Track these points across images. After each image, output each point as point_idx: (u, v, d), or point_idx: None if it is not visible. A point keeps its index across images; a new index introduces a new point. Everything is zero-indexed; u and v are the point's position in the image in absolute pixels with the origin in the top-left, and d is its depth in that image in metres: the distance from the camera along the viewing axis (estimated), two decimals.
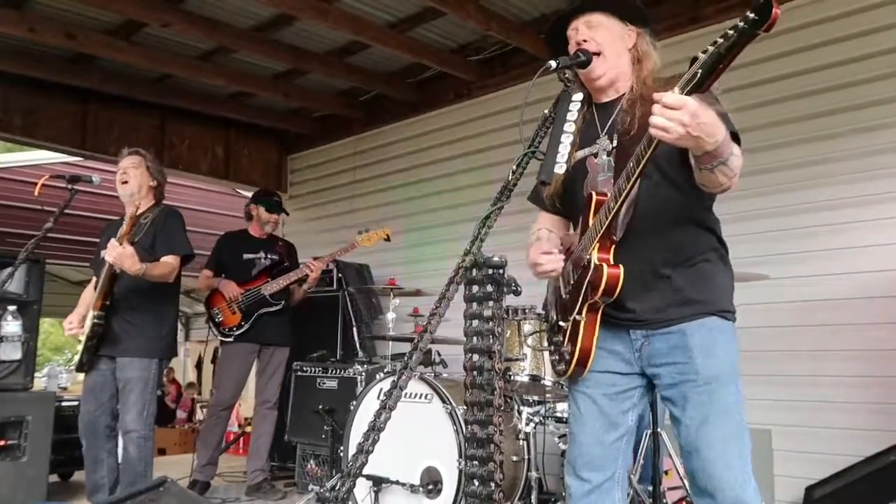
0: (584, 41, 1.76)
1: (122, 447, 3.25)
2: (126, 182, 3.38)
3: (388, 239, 3.40)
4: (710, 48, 1.30)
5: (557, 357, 1.80)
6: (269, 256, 4.43)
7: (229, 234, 4.67)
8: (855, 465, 3.05)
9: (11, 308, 3.70)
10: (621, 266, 1.64)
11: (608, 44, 1.77)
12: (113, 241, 3.02)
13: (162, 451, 7.26)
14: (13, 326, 3.69)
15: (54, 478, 4.32)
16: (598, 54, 1.75)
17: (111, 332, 3.20)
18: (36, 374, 3.98)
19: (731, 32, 1.26)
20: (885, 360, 3.17)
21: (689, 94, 1.36)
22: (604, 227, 1.62)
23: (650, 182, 1.67)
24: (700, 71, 1.32)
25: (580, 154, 1.80)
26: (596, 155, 1.78)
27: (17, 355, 3.69)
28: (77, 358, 3.28)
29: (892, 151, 3.26)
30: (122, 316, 3.22)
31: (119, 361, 3.24)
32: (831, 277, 3.36)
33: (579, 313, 1.69)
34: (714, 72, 1.31)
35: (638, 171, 1.52)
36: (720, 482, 1.61)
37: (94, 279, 3.39)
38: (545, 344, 1.94)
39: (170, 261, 3.23)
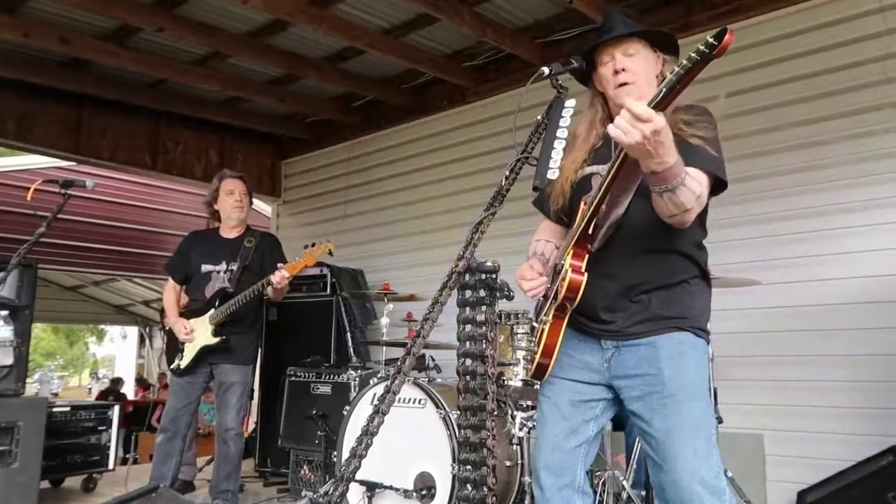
0: (623, 70, 1.78)
1: (218, 443, 3.61)
2: (242, 208, 3.75)
3: (331, 254, 3.53)
4: (677, 69, 1.36)
5: (529, 358, 1.84)
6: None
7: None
8: (847, 470, 3.06)
9: (3, 313, 3.68)
10: (586, 274, 1.66)
11: (642, 72, 1.80)
12: (282, 272, 3.41)
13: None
14: (5, 331, 3.68)
15: (45, 484, 4.30)
16: (633, 84, 1.77)
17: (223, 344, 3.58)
18: (28, 380, 3.97)
19: (693, 56, 1.32)
20: (876, 364, 3.19)
21: (654, 109, 1.40)
22: (578, 233, 1.66)
23: (641, 203, 1.69)
24: (664, 90, 1.38)
25: (588, 170, 1.84)
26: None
27: (9, 360, 3.68)
28: (183, 364, 3.60)
29: (882, 158, 3.28)
30: (232, 329, 3.57)
31: (222, 367, 3.60)
32: (822, 283, 3.38)
33: (546, 315, 1.74)
34: (674, 91, 1.38)
35: (609, 179, 1.55)
36: (690, 496, 1.60)
37: (172, 282, 3.79)
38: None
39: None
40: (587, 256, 1.69)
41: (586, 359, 1.79)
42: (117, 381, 12.17)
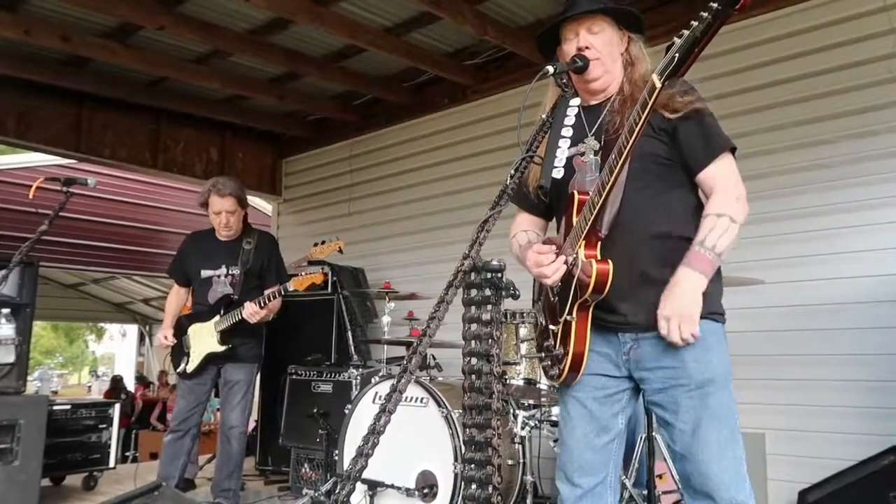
0: (587, 48, 1.76)
1: (222, 441, 3.63)
2: (229, 228, 3.68)
3: (340, 251, 3.55)
4: (686, 32, 1.30)
5: (549, 362, 1.79)
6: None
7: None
8: (848, 469, 3.06)
9: (4, 311, 3.69)
10: (610, 261, 1.63)
11: (606, 49, 1.78)
12: (254, 307, 3.45)
13: (154, 456, 7.23)
14: (6, 329, 3.68)
15: (46, 482, 4.29)
16: (597, 59, 1.76)
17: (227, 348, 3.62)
18: (28, 378, 3.97)
19: (705, 15, 1.26)
20: (877, 364, 3.19)
21: (667, 79, 1.36)
22: (588, 224, 1.61)
23: (640, 184, 1.68)
24: (677, 55, 1.32)
25: (567, 154, 1.80)
26: (583, 154, 1.79)
27: (10, 358, 3.68)
28: (189, 368, 3.63)
29: (884, 157, 3.28)
30: (237, 334, 3.60)
31: (227, 366, 3.64)
32: (824, 282, 3.38)
33: (570, 314, 1.68)
34: (690, 55, 1.31)
35: (620, 163, 1.52)
36: (716, 483, 1.62)
37: (177, 286, 3.86)
38: (535, 350, 1.94)
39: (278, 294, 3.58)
40: (600, 245, 1.65)
41: (605, 351, 1.76)
42: (119, 380, 12.11)
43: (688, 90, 1.67)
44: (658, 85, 1.38)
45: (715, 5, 1.23)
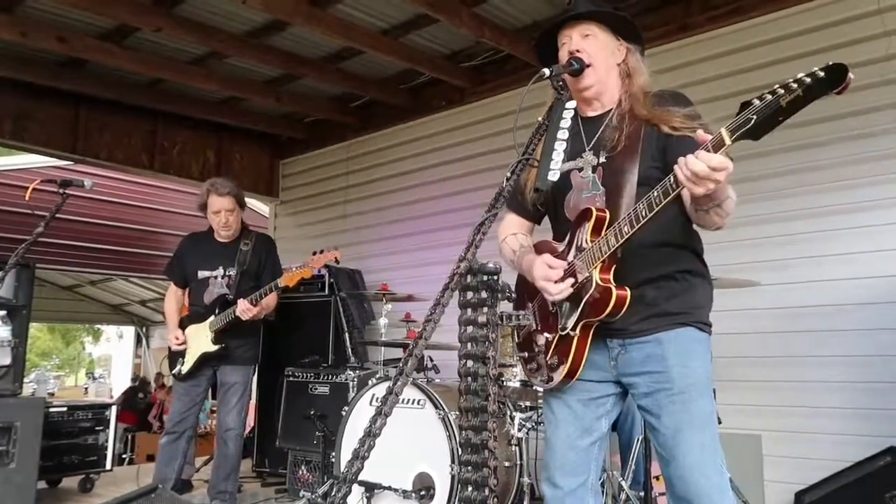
0: (578, 51, 1.76)
1: (218, 443, 3.63)
2: (228, 227, 3.70)
3: (336, 262, 3.59)
4: (768, 97, 1.26)
5: (536, 366, 1.80)
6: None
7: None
8: (844, 470, 3.08)
9: (1, 313, 3.69)
10: (627, 289, 1.63)
11: (599, 56, 1.78)
12: (246, 303, 3.47)
13: (151, 458, 7.21)
14: (2, 331, 3.69)
15: (42, 484, 4.29)
16: (588, 66, 1.76)
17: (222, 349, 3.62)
18: (24, 380, 3.97)
19: (794, 86, 1.23)
20: (873, 365, 3.20)
21: (738, 139, 1.35)
22: (612, 249, 1.61)
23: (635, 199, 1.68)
24: (755, 118, 1.29)
25: (565, 167, 1.79)
26: (581, 170, 1.79)
27: (7, 360, 3.68)
28: (184, 369, 3.62)
29: (877, 160, 3.30)
30: (232, 335, 3.59)
31: (223, 368, 3.65)
32: (818, 284, 3.39)
33: (574, 329, 1.69)
34: (771, 124, 1.28)
35: (663, 204, 1.50)
36: (697, 489, 1.63)
37: (174, 287, 3.85)
38: (514, 347, 1.96)
39: (275, 292, 3.59)
40: (614, 268, 1.65)
41: (592, 357, 1.76)
42: (147, 383, 11.94)
43: (693, 115, 1.66)
44: (728, 142, 1.38)
45: (807, 80, 1.20)
